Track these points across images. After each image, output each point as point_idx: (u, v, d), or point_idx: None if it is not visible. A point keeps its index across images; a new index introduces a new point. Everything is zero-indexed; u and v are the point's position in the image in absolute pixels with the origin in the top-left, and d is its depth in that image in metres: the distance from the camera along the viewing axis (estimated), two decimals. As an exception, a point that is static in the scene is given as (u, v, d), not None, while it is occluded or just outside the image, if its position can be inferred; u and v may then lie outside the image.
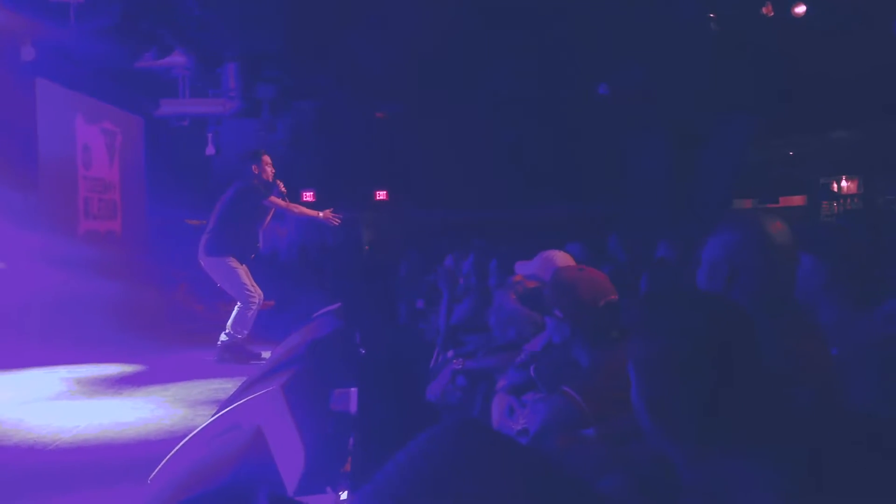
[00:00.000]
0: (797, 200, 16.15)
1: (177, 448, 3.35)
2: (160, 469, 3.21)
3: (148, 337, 8.17)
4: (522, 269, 3.84)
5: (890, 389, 2.19)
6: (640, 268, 4.67)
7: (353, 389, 4.84)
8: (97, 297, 8.90)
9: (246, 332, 7.10)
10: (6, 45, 8.59)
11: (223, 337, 7.07)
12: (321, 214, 7.25)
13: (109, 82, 10.76)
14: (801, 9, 8.48)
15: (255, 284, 7.14)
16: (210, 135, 12.78)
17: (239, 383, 5.35)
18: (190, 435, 3.44)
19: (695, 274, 2.26)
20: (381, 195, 14.89)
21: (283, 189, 7.22)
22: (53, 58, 9.20)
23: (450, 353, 4.26)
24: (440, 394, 4.11)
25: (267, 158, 7.24)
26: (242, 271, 7.05)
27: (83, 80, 10.20)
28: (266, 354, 7.01)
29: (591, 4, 9.57)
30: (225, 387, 5.66)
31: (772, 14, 8.59)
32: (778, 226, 2.16)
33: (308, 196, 14.12)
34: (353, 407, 4.69)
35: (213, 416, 3.98)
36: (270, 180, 7.17)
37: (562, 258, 3.52)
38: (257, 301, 7.09)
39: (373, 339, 7.03)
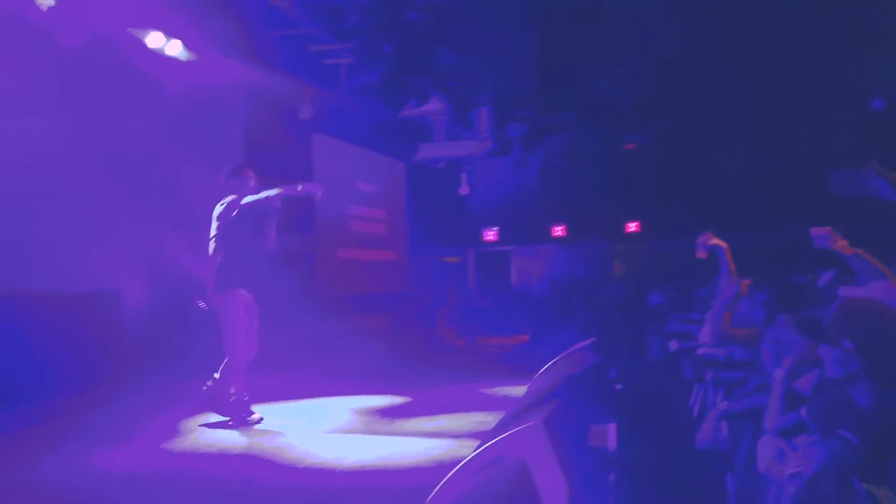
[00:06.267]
0: None
1: (447, 477, 3.56)
2: (434, 496, 3.44)
3: (413, 370, 8.78)
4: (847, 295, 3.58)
5: None
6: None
7: (610, 425, 4.84)
8: (367, 333, 9.73)
9: (232, 388, 5.87)
10: (287, 107, 9.71)
11: (209, 382, 5.92)
12: (300, 187, 5.80)
13: (374, 131, 11.71)
14: None
15: (253, 338, 5.91)
16: (464, 175, 13.38)
17: (499, 417, 5.55)
18: (458, 465, 3.64)
19: None
20: (633, 226, 14.70)
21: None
22: (327, 114, 10.24)
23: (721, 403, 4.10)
24: (710, 440, 3.98)
25: (248, 172, 6.10)
26: (243, 316, 5.85)
27: (352, 132, 11.22)
28: (255, 417, 5.97)
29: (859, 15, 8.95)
30: (486, 420, 5.89)
31: None
32: None
33: (558, 230, 14.30)
34: (612, 443, 4.68)
35: (477, 448, 4.18)
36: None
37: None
38: (242, 358, 5.85)
39: (629, 374, 6.96)
